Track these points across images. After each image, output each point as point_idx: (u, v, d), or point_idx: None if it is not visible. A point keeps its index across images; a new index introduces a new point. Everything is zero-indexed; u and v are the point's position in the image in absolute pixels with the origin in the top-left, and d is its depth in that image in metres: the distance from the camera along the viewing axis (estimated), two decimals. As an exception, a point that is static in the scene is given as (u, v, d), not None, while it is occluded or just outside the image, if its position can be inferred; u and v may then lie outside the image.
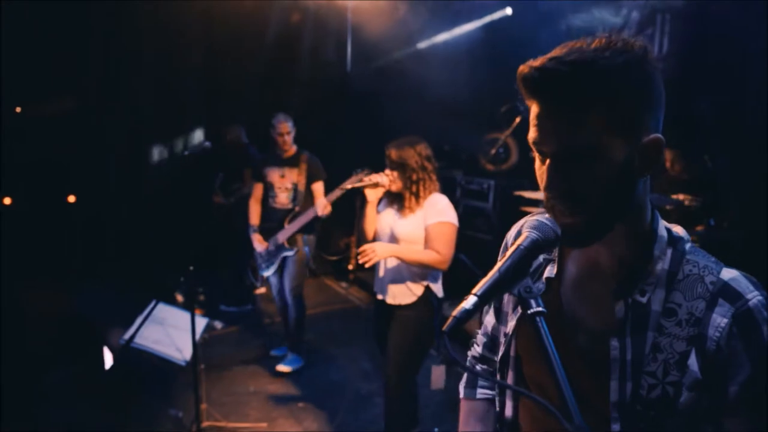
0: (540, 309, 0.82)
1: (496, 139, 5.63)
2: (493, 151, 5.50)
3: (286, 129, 4.16)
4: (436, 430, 3.54)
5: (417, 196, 2.80)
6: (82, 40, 6.13)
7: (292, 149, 4.24)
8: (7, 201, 6.24)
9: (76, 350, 4.26)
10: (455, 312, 0.81)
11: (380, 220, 2.93)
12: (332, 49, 6.82)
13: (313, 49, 7.07)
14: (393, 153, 2.81)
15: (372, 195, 2.86)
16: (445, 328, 0.80)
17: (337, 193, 3.71)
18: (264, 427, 3.52)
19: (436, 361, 3.02)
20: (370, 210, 2.90)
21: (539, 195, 4.67)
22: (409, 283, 2.84)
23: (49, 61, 5.86)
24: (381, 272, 2.93)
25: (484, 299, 0.81)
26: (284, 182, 4.19)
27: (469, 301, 0.81)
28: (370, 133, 2.89)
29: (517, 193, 4.72)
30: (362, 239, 3.00)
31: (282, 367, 4.22)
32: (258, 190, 4.33)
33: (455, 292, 5.35)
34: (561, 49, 0.87)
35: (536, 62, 0.85)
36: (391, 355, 2.90)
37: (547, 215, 0.91)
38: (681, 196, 4.08)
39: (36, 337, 4.36)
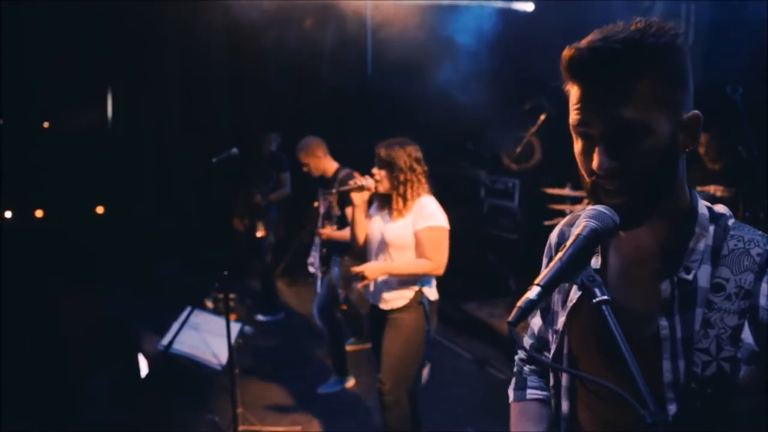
0: (605, 297, 0.82)
1: (520, 138, 5.60)
2: (517, 150, 5.47)
3: (301, 159, 4.13)
4: (470, 429, 3.54)
5: (404, 198, 2.72)
6: (108, 53, 6.30)
7: (329, 169, 4.18)
8: (39, 213, 6.45)
9: (113, 356, 4.38)
10: (520, 302, 0.81)
11: (371, 225, 2.88)
12: (352, 52, 6.87)
13: (333, 53, 7.14)
14: (382, 152, 2.75)
15: (358, 198, 2.81)
16: (510, 318, 0.80)
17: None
18: (298, 431, 3.57)
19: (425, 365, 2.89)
20: (357, 214, 2.85)
21: (564, 191, 4.64)
22: (402, 287, 2.77)
23: (77, 75, 6.04)
24: (372, 280, 2.85)
25: (547, 289, 0.82)
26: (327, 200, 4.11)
27: (533, 292, 0.82)
28: (392, 135, 2.86)
29: (545, 190, 4.67)
30: (354, 245, 2.95)
31: (321, 390, 4.09)
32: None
33: (483, 291, 5.35)
34: (599, 32, 0.89)
35: (583, 44, 0.88)
36: (383, 361, 2.80)
37: (602, 205, 0.91)
38: (713, 188, 4.00)
39: (73, 344, 4.49)
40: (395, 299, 2.77)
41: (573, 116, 0.91)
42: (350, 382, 4.15)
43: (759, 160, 3.71)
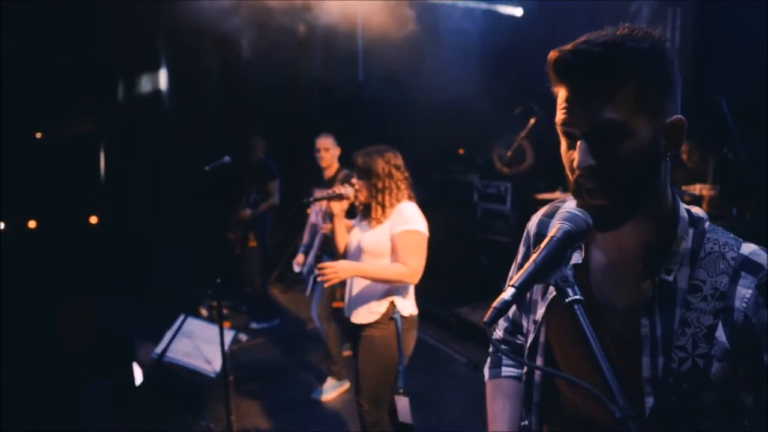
0: (577, 297, 0.85)
1: (511, 142, 5.64)
2: (509, 154, 5.51)
3: (322, 145, 4.09)
4: (464, 433, 3.54)
5: (383, 205, 2.64)
6: (101, 60, 6.28)
7: (333, 168, 4.15)
8: (32, 224, 6.40)
9: (108, 365, 4.35)
10: (495, 303, 0.85)
11: (351, 234, 2.82)
12: (343, 59, 6.89)
13: (324, 61, 7.16)
14: (359, 160, 2.69)
15: (337, 208, 2.79)
16: (486, 319, 0.84)
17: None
18: (294, 436, 3.56)
19: (398, 392, 2.74)
20: (337, 223, 2.82)
21: (556, 195, 4.68)
22: (374, 300, 2.64)
23: (70, 83, 6.01)
24: (348, 289, 2.78)
25: (521, 290, 0.86)
26: (323, 205, 4.03)
27: (508, 293, 0.85)
28: (384, 142, 2.85)
29: (536, 196, 4.71)
30: (336, 255, 2.91)
31: (316, 395, 4.08)
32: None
33: (477, 295, 5.37)
34: (585, 37, 0.92)
35: (568, 47, 0.91)
36: (359, 381, 2.69)
37: (577, 207, 0.95)
38: (698, 187, 4.06)
39: (69, 354, 4.45)
40: (366, 314, 2.66)
41: (558, 116, 0.94)
42: (345, 386, 4.15)
43: (745, 161, 3.76)
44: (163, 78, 6.85)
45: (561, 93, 0.94)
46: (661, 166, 0.95)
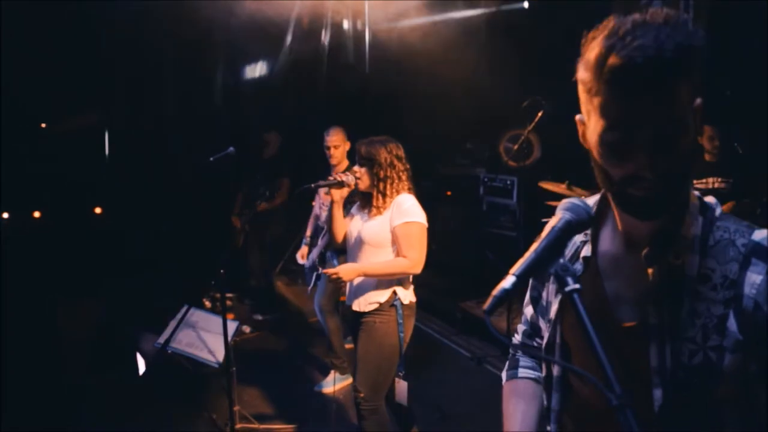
0: (576, 286, 0.83)
1: (517, 135, 5.59)
2: (515, 147, 5.46)
3: (332, 142, 4.01)
4: (468, 428, 3.53)
5: (383, 194, 2.68)
6: (106, 53, 6.27)
7: (343, 165, 4.06)
8: (36, 214, 6.42)
9: (111, 356, 4.36)
10: (495, 291, 0.83)
11: (351, 223, 2.84)
12: (351, 52, 6.86)
13: (332, 53, 7.12)
14: (362, 148, 2.73)
15: (337, 195, 2.79)
16: (485, 307, 0.83)
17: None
18: (294, 428, 3.56)
19: (398, 375, 2.75)
20: (336, 211, 2.82)
21: (562, 188, 4.61)
22: (376, 290, 2.69)
23: (75, 76, 6.02)
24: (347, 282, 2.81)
25: (522, 279, 0.84)
26: (328, 198, 3.98)
27: (508, 281, 0.84)
28: (390, 134, 2.84)
29: (542, 183, 4.62)
30: (333, 242, 2.91)
31: (318, 388, 4.12)
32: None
33: (482, 290, 5.35)
34: (620, 24, 0.84)
35: (629, 49, 0.81)
36: (358, 368, 2.71)
37: (578, 197, 0.92)
38: (710, 180, 4.01)
39: (71, 345, 4.47)
40: (367, 302, 2.69)
41: (615, 114, 0.86)
42: (348, 380, 4.14)
43: (754, 156, 3.71)
44: (167, 71, 6.83)
45: (611, 93, 0.85)
46: None
